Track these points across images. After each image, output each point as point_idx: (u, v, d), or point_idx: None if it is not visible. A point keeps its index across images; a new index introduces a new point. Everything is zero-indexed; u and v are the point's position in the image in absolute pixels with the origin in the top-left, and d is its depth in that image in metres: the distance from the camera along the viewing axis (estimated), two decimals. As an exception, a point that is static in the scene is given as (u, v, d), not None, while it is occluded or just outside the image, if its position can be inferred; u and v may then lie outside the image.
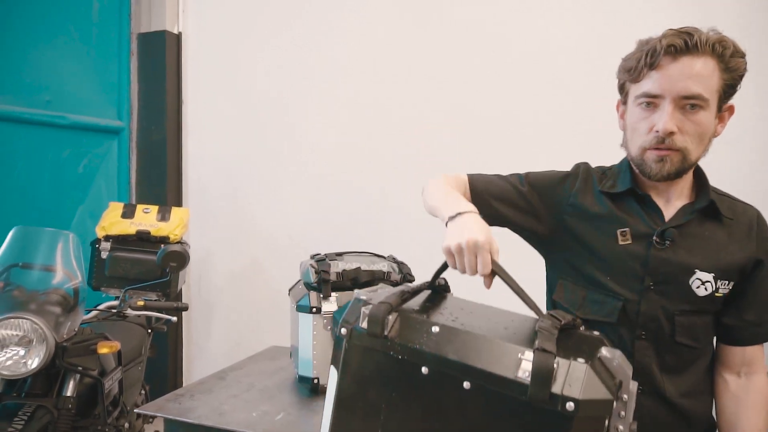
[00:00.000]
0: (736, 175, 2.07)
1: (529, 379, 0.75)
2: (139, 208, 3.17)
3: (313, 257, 1.75)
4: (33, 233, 1.82)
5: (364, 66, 3.15)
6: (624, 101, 1.11)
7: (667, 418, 1.07)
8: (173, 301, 2.18)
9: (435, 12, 2.95)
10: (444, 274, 0.99)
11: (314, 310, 1.63)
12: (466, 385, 0.80)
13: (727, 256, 1.07)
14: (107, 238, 3.00)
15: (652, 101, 1.01)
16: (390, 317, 0.86)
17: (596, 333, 0.89)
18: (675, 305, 1.07)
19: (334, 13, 3.22)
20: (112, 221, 3.04)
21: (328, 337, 1.64)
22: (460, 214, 0.96)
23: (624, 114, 1.12)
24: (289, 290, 1.84)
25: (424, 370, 0.83)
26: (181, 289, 3.86)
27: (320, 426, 0.94)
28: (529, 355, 0.77)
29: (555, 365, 0.74)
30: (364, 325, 0.87)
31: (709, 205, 1.08)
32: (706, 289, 1.06)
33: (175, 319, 2.18)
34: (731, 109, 1.07)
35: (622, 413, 0.78)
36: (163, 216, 3.15)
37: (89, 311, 1.99)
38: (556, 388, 0.74)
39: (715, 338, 1.14)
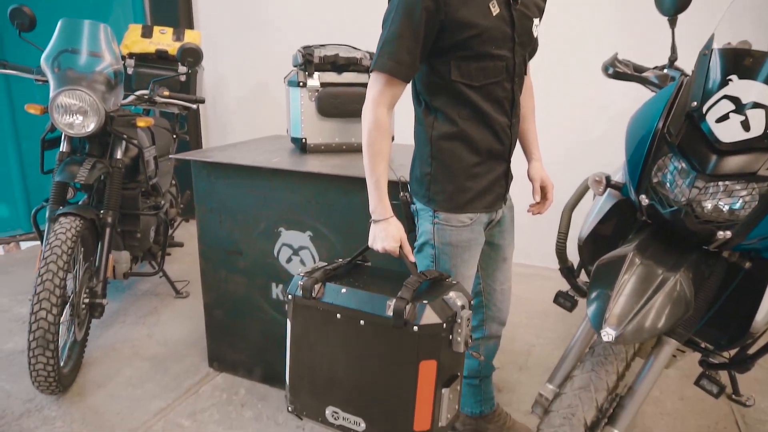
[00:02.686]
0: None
1: (392, 315, 1.24)
2: (156, 29, 3.53)
3: (303, 47, 2.17)
4: (76, 24, 2.24)
5: None
6: None
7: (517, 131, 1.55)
8: (192, 95, 2.64)
9: None
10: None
11: (301, 84, 2.09)
12: (362, 322, 1.30)
13: (540, 1, 1.47)
14: (131, 55, 3.41)
15: None
16: (316, 286, 1.36)
17: (454, 282, 1.37)
18: (525, 49, 1.46)
19: None
20: (134, 40, 3.43)
21: (312, 107, 2.13)
22: (384, 220, 1.40)
23: None
24: (284, 78, 2.28)
25: (338, 316, 1.33)
26: (199, 114, 4.35)
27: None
28: (392, 302, 1.25)
29: (406, 306, 1.23)
30: (300, 292, 1.37)
31: None
32: (536, 30, 1.46)
33: (195, 106, 2.65)
34: None
35: (459, 330, 1.27)
36: (178, 37, 3.52)
37: (127, 95, 2.47)
38: (408, 319, 1.23)
39: None
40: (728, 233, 1.24)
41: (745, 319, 1.40)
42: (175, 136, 3.44)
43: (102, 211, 2.32)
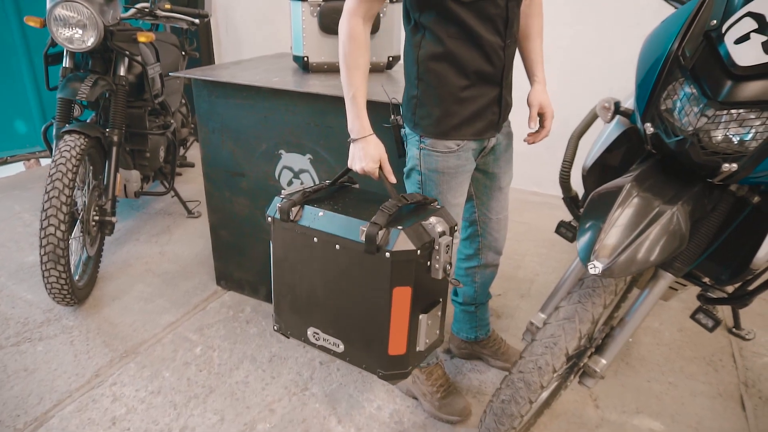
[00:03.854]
0: None
1: (364, 240, 1.21)
2: (161, -62, 3.35)
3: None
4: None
5: None
6: None
7: (514, 57, 1.44)
8: (197, 10, 2.54)
9: None
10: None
11: (303, -2, 1.99)
12: (337, 246, 1.28)
13: None
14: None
15: None
16: (294, 209, 1.33)
17: (438, 207, 1.35)
18: None
19: None
20: (138, -51, 3.28)
21: (314, 23, 2.03)
22: (362, 138, 1.35)
23: None
24: (288, -8, 2.16)
25: (315, 239, 1.31)
26: (210, 24, 4.21)
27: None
28: (366, 227, 1.21)
29: (378, 232, 1.20)
30: (278, 215, 1.35)
31: None
32: None
33: (198, 21, 2.57)
34: None
35: (437, 257, 1.25)
36: (184, -54, 3.34)
37: (127, 8, 2.39)
38: (381, 244, 1.20)
39: None
40: (734, 165, 1.17)
41: (750, 254, 1.36)
42: (183, 53, 3.37)
43: (108, 130, 2.32)
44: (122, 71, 2.35)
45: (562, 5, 3.07)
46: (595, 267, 1.14)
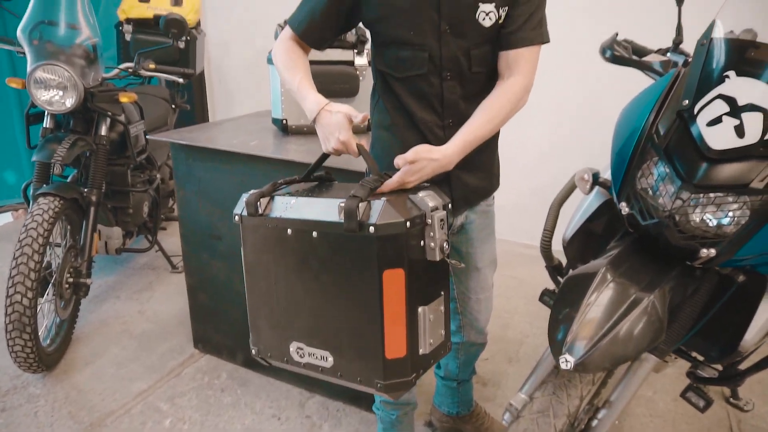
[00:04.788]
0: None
1: (343, 218, 1.02)
2: (154, -8, 3.40)
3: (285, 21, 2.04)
4: (53, -6, 2.16)
5: None
6: None
7: None
8: (181, 68, 2.55)
9: None
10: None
11: (281, 62, 1.97)
12: (315, 234, 1.09)
13: None
14: (128, 21, 3.31)
15: None
16: (262, 200, 1.16)
17: (427, 185, 1.15)
18: (469, 42, 1.21)
19: None
20: (131, 5, 3.32)
21: (293, 87, 2.02)
22: (318, 113, 1.18)
23: None
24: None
25: (289, 231, 1.13)
26: (203, 77, 4.25)
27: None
28: (344, 202, 1.02)
29: (358, 205, 1.00)
30: (244, 211, 1.18)
31: None
32: (490, 18, 1.19)
33: (181, 80, 2.57)
34: None
35: (431, 234, 1.06)
36: (177, 1, 3.39)
37: (110, 68, 2.40)
38: (363, 220, 1.01)
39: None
40: (712, 251, 1.11)
41: (738, 333, 1.29)
42: (174, 106, 3.38)
43: (86, 189, 2.29)
44: (103, 131, 2.34)
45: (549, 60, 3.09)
46: (567, 362, 1.07)
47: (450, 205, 1.14)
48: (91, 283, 2.27)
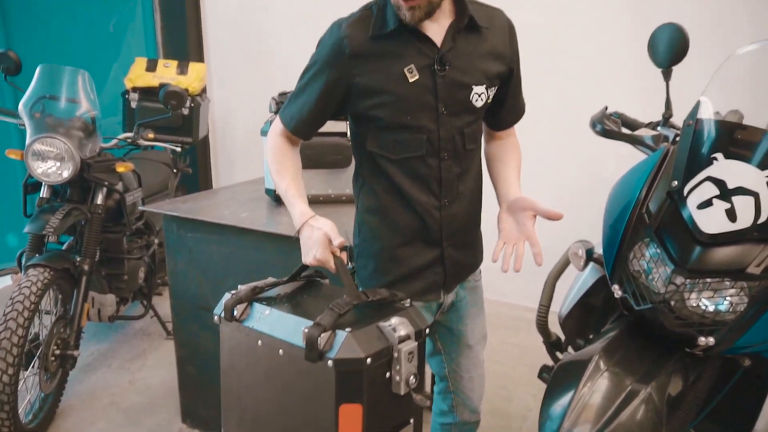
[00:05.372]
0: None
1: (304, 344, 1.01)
2: (161, 62, 3.51)
3: (279, 94, 2.07)
4: (55, 70, 2.22)
5: None
6: None
7: (464, 216, 1.31)
8: (179, 137, 2.58)
9: None
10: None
11: (274, 134, 1.99)
12: (281, 352, 1.07)
13: (492, 66, 1.23)
14: (134, 89, 3.40)
15: None
16: (239, 306, 1.13)
17: (407, 306, 1.12)
18: (462, 121, 1.23)
19: None
20: (138, 74, 3.43)
21: (286, 158, 2.02)
22: (302, 226, 1.19)
23: None
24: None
25: (259, 342, 1.11)
26: (208, 141, 4.32)
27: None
28: (309, 327, 1.01)
29: (320, 334, 0.98)
30: (223, 313, 1.16)
31: (470, 20, 1.19)
32: (482, 99, 1.23)
33: (179, 148, 2.60)
34: None
35: (398, 367, 1.03)
36: (182, 70, 3.50)
37: (109, 139, 2.43)
38: (324, 350, 0.99)
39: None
40: (711, 339, 1.05)
41: (750, 416, 1.21)
42: (175, 170, 3.41)
43: (79, 258, 2.27)
44: (99, 200, 2.34)
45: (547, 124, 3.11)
46: (559, 462, 0.99)
47: (428, 330, 1.11)
48: (78, 355, 2.21)
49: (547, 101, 2.91)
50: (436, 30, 1.19)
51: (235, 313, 1.14)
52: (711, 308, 1.06)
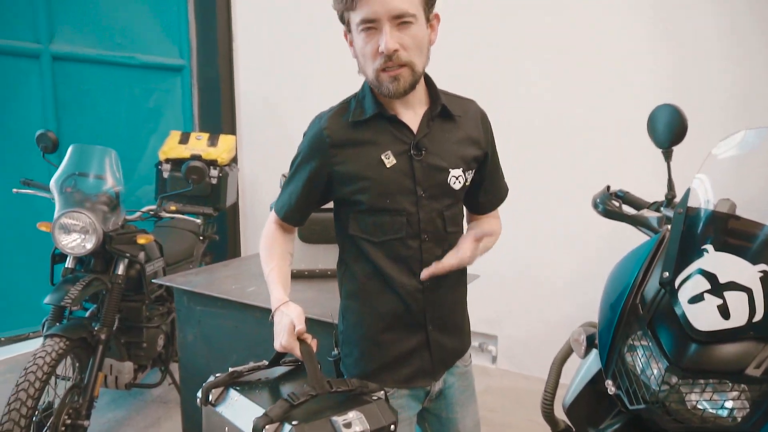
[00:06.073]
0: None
1: None
2: (193, 135, 3.71)
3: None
4: (86, 150, 2.37)
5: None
6: (348, 30, 1.19)
7: (448, 300, 1.30)
8: (202, 207, 2.68)
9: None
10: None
11: (282, 210, 2.04)
12: None
13: (467, 150, 1.26)
14: (167, 160, 3.59)
15: (371, 26, 1.11)
16: (215, 390, 1.17)
17: (375, 398, 1.10)
18: (442, 204, 1.25)
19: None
20: (171, 146, 3.62)
21: (294, 233, 2.06)
22: (276, 311, 1.21)
23: (352, 42, 1.20)
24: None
25: (226, 429, 1.12)
26: (237, 208, 4.46)
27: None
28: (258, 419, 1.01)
29: (264, 426, 0.97)
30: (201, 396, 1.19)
31: (443, 109, 1.24)
32: (459, 182, 1.25)
33: (199, 220, 2.68)
34: (437, 17, 1.19)
35: None
36: (213, 142, 3.68)
37: (133, 212, 2.54)
38: None
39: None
40: None
41: None
42: (202, 237, 3.51)
43: (97, 327, 2.33)
44: (120, 270, 2.42)
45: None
46: None
47: (394, 425, 1.07)
48: (88, 425, 2.22)
49: (578, 173, 2.89)
50: (412, 117, 1.23)
51: (210, 397, 1.16)
52: (711, 410, 0.99)
